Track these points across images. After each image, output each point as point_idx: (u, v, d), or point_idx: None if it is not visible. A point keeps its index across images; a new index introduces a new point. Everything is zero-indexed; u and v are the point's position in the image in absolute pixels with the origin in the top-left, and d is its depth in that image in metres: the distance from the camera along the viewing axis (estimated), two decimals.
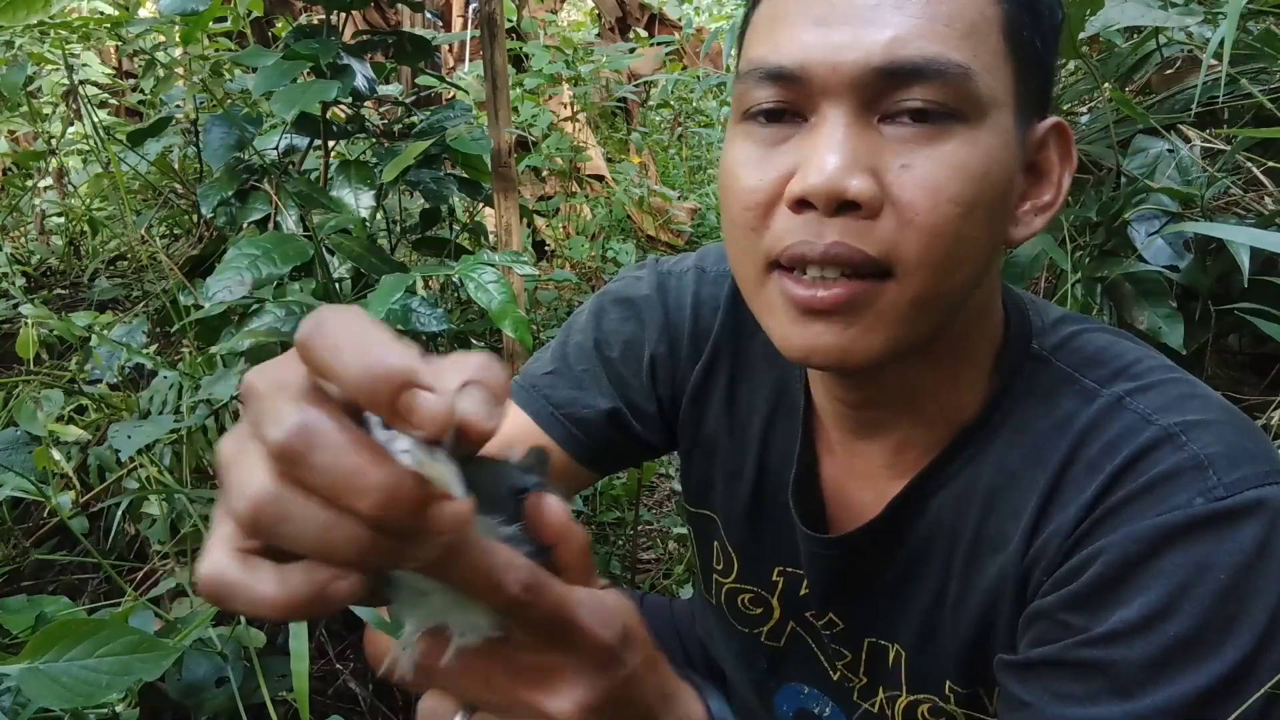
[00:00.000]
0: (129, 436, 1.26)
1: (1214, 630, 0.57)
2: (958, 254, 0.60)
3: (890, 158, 0.59)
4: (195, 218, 2.43)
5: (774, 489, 0.80)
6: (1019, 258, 1.43)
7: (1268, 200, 1.20)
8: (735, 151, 0.64)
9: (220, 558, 0.35)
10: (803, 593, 0.82)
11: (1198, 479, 0.60)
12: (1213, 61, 1.12)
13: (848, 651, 0.81)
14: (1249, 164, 1.23)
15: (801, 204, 0.59)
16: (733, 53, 0.87)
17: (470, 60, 4.11)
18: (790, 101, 0.61)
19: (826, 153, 0.58)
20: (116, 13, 2.84)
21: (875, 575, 0.75)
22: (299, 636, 1.02)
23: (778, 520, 0.80)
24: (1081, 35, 1.27)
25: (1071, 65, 1.62)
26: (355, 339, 0.33)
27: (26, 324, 1.63)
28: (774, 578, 0.84)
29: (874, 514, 0.73)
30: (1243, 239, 0.97)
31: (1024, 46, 0.62)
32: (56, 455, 1.35)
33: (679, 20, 5.43)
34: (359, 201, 1.62)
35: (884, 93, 0.58)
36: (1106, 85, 1.34)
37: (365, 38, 1.77)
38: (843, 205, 0.58)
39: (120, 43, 2.32)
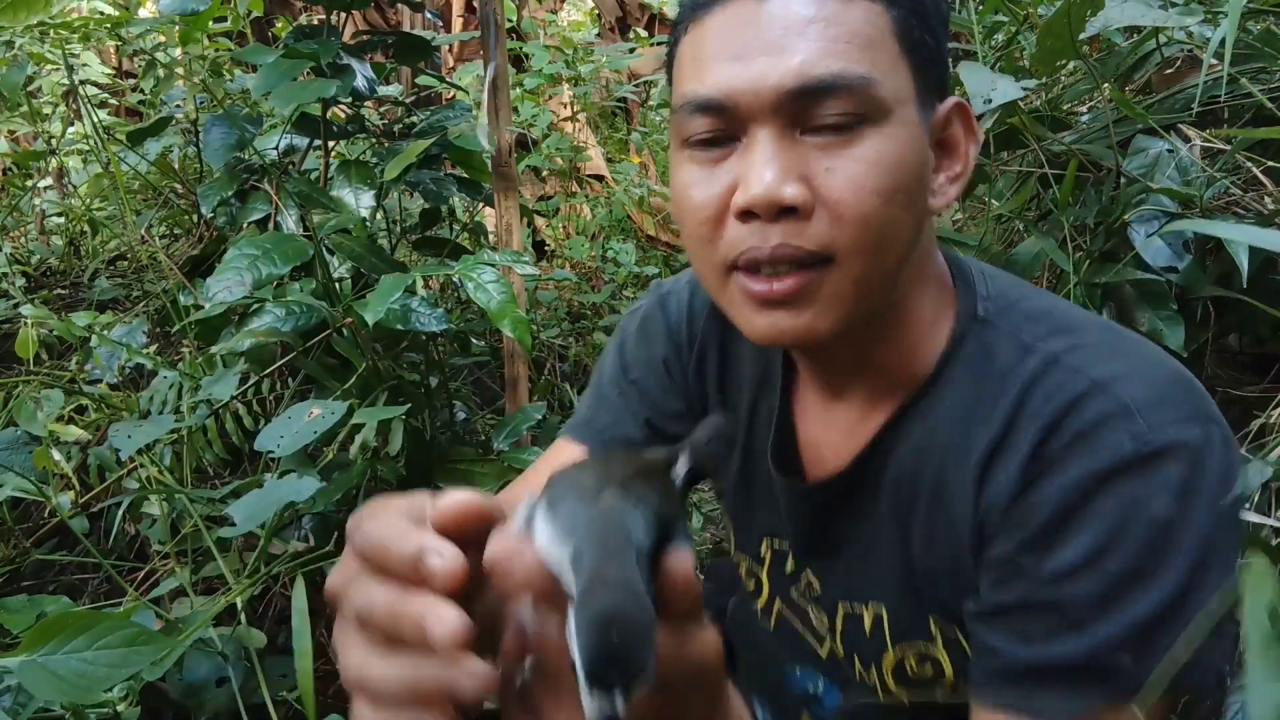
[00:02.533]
0: (129, 436, 1.26)
1: (1151, 563, 0.63)
2: (887, 235, 0.68)
3: (815, 164, 0.67)
4: (195, 218, 2.43)
5: (759, 455, 0.88)
6: (1019, 255, 1.44)
7: (1267, 200, 1.19)
8: (682, 174, 0.73)
9: None
10: (788, 568, 0.89)
11: (1126, 423, 0.65)
12: (1213, 61, 1.12)
13: (822, 619, 0.87)
14: (1248, 164, 1.23)
15: (747, 214, 0.68)
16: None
17: (469, 60, 4.11)
18: (722, 128, 0.70)
19: (762, 168, 0.67)
20: (116, 13, 2.84)
21: (849, 532, 0.82)
22: (302, 635, 1.02)
23: (765, 486, 0.88)
24: (1081, 35, 1.27)
25: (1071, 65, 1.62)
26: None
27: (26, 324, 1.63)
28: (762, 551, 0.92)
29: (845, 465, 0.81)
30: (1238, 236, 0.97)
31: (917, 45, 0.70)
32: (56, 455, 1.35)
33: None
34: (359, 201, 1.62)
35: (801, 109, 0.67)
36: (1106, 86, 1.34)
37: (365, 38, 1.77)
38: (782, 210, 0.67)
39: (120, 43, 2.32)
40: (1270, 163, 1.21)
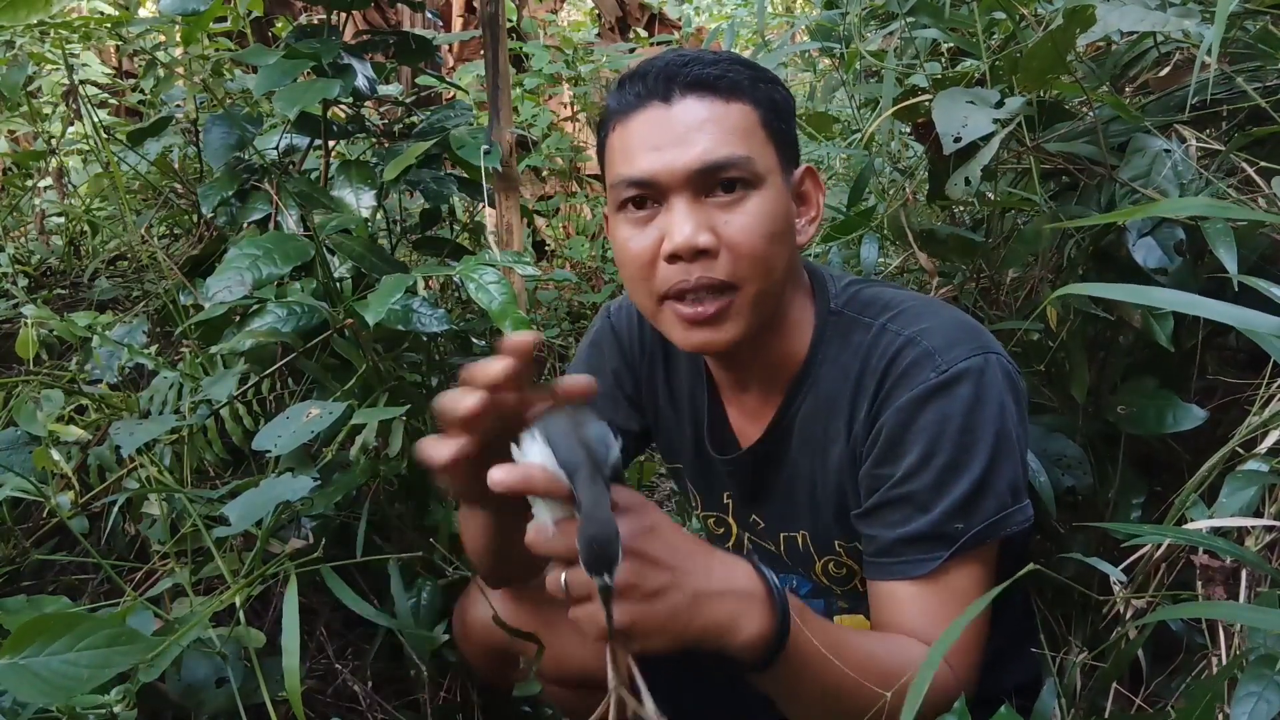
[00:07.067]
0: (130, 434, 1.26)
1: (963, 455, 0.92)
2: (770, 265, 0.96)
3: (717, 219, 0.94)
4: (195, 218, 2.43)
5: (705, 436, 1.17)
6: (1026, 232, 1.44)
7: (1261, 200, 1.19)
8: (621, 231, 0.99)
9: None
10: (742, 512, 1.18)
11: (929, 361, 0.94)
12: (1208, 60, 1.12)
13: (771, 544, 1.16)
14: (1243, 164, 1.23)
15: (673, 257, 0.94)
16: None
17: (469, 60, 4.10)
18: (648, 196, 0.96)
19: (682, 224, 0.93)
20: (116, 13, 2.84)
21: (773, 481, 1.11)
22: (291, 633, 1.02)
23: (712, 457, 1.17)
24: (1082, 41, 1.26)
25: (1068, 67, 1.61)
26: None
27: (26, 324, 1.62)
28: (724, 500, 1.21)
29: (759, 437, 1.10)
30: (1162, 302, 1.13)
31: (776, 132, 0.98)
32: (56, 455, 1.35)
33: (679, 20, 5.42)
34: (359, 201, 1.62)
35: (704, 182, 0.94)
36: (1102, 89, 1.35)
37: (366, 38, 1.77)
38: (698, 252, 0.93)
39: (120, 43, 2.32)
40: (1265, 163, 1.22)
